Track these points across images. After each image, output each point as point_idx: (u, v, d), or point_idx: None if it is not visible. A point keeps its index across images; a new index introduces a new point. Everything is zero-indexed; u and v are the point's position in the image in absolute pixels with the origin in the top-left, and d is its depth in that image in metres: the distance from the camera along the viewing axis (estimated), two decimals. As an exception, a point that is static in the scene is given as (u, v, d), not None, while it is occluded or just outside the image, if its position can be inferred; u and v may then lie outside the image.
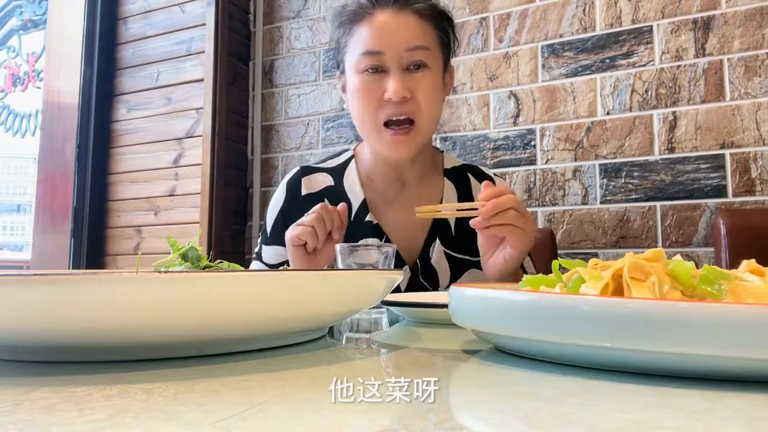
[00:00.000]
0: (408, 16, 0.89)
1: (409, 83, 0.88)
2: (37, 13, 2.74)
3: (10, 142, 3.00)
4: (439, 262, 0.95)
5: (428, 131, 0.93)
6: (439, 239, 0.95)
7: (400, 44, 0.87)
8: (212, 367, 0.33)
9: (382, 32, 0.88)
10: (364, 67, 0.89)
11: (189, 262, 0.51)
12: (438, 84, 0.92)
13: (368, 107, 0.89)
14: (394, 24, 0.89)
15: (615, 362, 0.30)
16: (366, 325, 0.58)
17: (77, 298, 0.30)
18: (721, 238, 1.30)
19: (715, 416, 0.23)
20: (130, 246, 2.19)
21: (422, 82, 0.89)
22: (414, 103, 0.88)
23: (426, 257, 0.95)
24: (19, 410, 0.24)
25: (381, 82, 0.88)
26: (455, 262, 0.95)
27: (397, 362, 0.36)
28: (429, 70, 0.90)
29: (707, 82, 1.52)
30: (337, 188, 1.00)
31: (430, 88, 0.90)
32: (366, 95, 0.89)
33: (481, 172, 1.04)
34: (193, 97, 2.13)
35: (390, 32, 0.88)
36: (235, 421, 0.22)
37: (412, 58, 0.88)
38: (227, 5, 2.14)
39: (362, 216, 0.97)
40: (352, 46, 0.91)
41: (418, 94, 0.88)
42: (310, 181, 1.00)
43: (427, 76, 0.89)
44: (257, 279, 0.35)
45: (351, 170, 1.01)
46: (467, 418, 0.24)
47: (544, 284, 0.40)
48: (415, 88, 0.88)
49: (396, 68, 0.88)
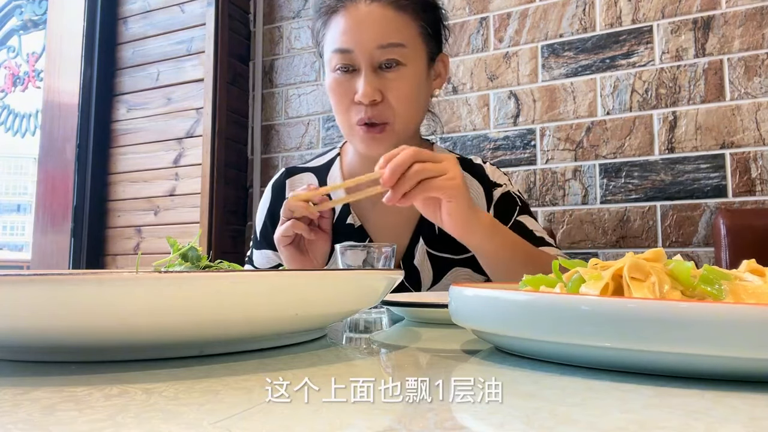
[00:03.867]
0: (383, 8, 0.82)
1: (380, 84, 0.82)
2: (37, 13, 2.74)
3: (10, 142, 3.00)
4: (422, 263, 0.92)
5: (405, 131, 0.87)
6: (422, 239, 0.92)
7: (370, 42, 0.81)
8: (212, 367, 0.33)
9: (352, 28, 0.82)
10: (335, 65, 0.84)
11: (189, 262, 0.51)
12: (417, 80, 0.86)
13: (341, 108, 0.86)
14: (366, 19, 0.82)
15: (615, 362, 0.30)
16: (366, 325, 0.58)
17: (77, 298, 0.30)
18: (721, 238, 1.30)
19: (715, 416, 0.23)
20: (130, 246, 2.19)
21: (396, 81, 0.83)
22: (386, 105, 0.83)
23: (409, 258, 0.92)
24: (19, 410, 0.24)
25: (352, 81, 0.83)
26: (438, 261, 0.92)
27: (397, 362, 0.36)
28: (405, 67, 0.83)
29: (707, 82, 1.52)
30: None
31: (405, 88, 0.84)
32: (337, 96, 0.85)
33: (471, 161, 0.99)
34: (193, 97, 2.13)
35: (360, 28, 0.82)
36: (235, 421, 0.22)
37: (384, 56, 0.82)
38: (227, 5, 2.14)
39: (344, 218, 0.94)
40: (328, 42, 0.87)
41: (391, 95, 0.83)
42: (295, 181, 0.99)
43: (402, 76, 0.83)
44: (257, 279, 0.35)
45: (335, 168, 0.99)
46: (467, 418, 0.24)
47: (544, 284, 0.40)
48: (387, 89, 0.83)
49: (367, 67, 0.82)
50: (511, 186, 0.96)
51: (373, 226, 0.94)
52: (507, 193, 0.94)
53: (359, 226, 0.93)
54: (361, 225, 0.94)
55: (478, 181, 0.95)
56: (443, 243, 0.91)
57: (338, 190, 0.87)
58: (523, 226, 0.90)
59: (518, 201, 0.94)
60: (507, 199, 0.94)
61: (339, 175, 0.97)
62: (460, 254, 0.91)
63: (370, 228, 0.94)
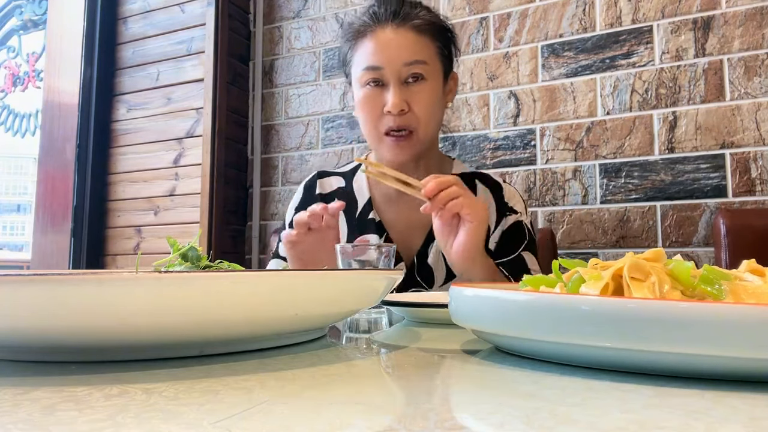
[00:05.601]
0: (407, 32, 0.95)
1: (407, 96, 0.95)
2: (37, 13, 2.74)
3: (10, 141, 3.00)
4: (436, 263, 0.99)
5: (427, 137, 0.98)
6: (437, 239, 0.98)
7: (398, 60, 0.94)
8: (212, 367, 0.33)
9: (381, 49, 0.95)
10: (366, 81, 0.96)
11: (189, 262, 0.51)
12: (437, 94, 0.98)
13: (370, 118, 0.97)
14: (393, 40, 0.95)
15: (615, 362, 0.30)
16: (366, 325, 0.58)
17: (77, 298, 0.30)
18: (721, 238, 1.30)
19: (715, 416, 0.23)
20: (130, 246, 2.19)
21: (420, 94, 0.95)
22: (412, 114, 0.95)
23: (423, 256, 1.00)
24: (19, 410, 0.24)
25: (381, 95, 0.95)
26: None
27: (397, 362, 0.36)
28: (426, 82, 0.96)
29: (707, 82, 1.52)
30: (348, 188, 1.09)
31: (427, 99, 0.96)
32: (368, 108, 0.97)
33: (489, 177, 1.08)
34: (193, 97, 2.13)
35: (389, 49, 0.95)
36: (235, 421, 0.22)
37: (410, 71, 0.94)
38: (227, 5, 2.14)
39: (366, 213, 1.05)
40: (356, 61, 0.99)
41: (416, 106, 0.95)
42: (324, 183, 1.11)
43: (424, 89, 0.95)
44: (257, 279, 0.35)
45: (361, 173, 1.09)
46: (467, 418, 0.24)
47: (544, 284, 0.40)
48: (413, 101, 0.95)
49: (395, 82, 0.94)
50: (525, 216, 1.03)
51: (391, 223, 1.04)
52: (519, 223, 1.02)
53: (379, 221, 1.03)
54: (381, 221, 1.04)
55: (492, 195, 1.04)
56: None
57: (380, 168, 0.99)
58: (524, 262, 0.98)
59: (527, 235, 1.01)
60: (518, 229, 1.01)
61: (365, 179, 1.08)
62: None
63: (388, 224, 1.04)
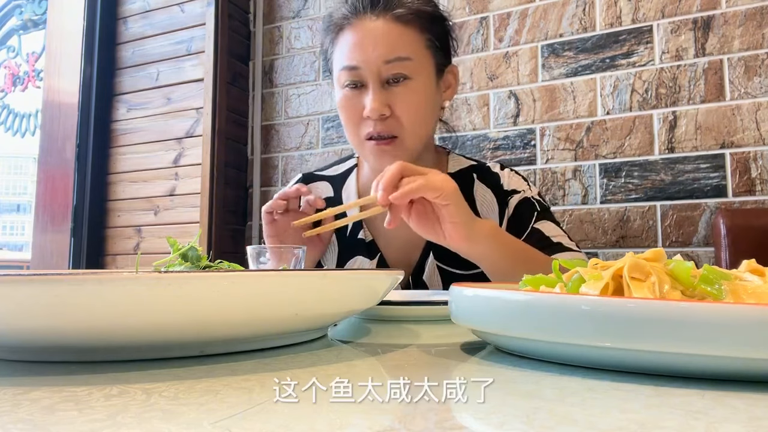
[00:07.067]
0: (387, 24, 0.83)
1: (388, 98, 0.83)
2: (37, 13, 2.74)
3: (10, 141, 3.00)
4: (431, 278, 0.92)
5: (414, 143, 0.87)
6: (433, 254, 0.91)
7: (376, 58, 0.82)
8: (212, 367, 0.33)
9: (358, 45, 0.83)
10: (344, 82, 0.85)
11: (189, 262, 0.51)
12: (426, 93, 0.86)
13: (350, 123, 0.87)
14: (372, 35, 0.83)
15: (615, 362, 0.30)
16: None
17: (77, 298, 0.30)
18: (721, 238, 1.30)
19: (715, 416, 0.23)
20: (130, 246, 2.19)
21: (403, 96, 0.83)
22: (394, 119, 0.84)
23: (419, 273, 0.92)
24: (19, 410, 0.24)
25: (361, 97, 0.84)
26: (447, 276, 0.91)
27: (397, 362, 0.36)
28: (412, 81, 0.83)
29: (707, 82, 1.52)
30: (335, 199, 0.98)
31: (412, 102, 0.84)
32: (347, 112, 0.86)
33: (487, 169, 0.97)
34: (192, 96, 2.13)
35: (366, 45, 0.83)
36: (235, 421, 0.22)
37: (391, 71, 0.82)
38: (227, 5, 2.14)
39: (356, 233, 0.94)
40: (336, 59, 0.88)
41: (398, 109, 0.83)
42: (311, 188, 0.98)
43: (409, 89, 0.83)
44: (257, 279, 0.35)
45: (351, 181, 0.99)
46: (467, 418, 0.24)
47: (544, 284, 0.40)
48: (396, 103, 0.83)
49: (374, 83, 0.83)
50: (530, 191, 0.94)
51: (384, 241, 0.94)
52: (525, 199, 0.92)
53: (370, 241, 0.94)
54: (373, 240, 0.94)
55: (491, 190, 0.94)
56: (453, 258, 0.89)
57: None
58: (540, 233, 0.87)
59: (536, 206, 0.91)
60: (525, 205, 0.91)
61: (354, 188, 0.98)
62: (470, 269, 0.89)
63: (381, 243, 0.94)
